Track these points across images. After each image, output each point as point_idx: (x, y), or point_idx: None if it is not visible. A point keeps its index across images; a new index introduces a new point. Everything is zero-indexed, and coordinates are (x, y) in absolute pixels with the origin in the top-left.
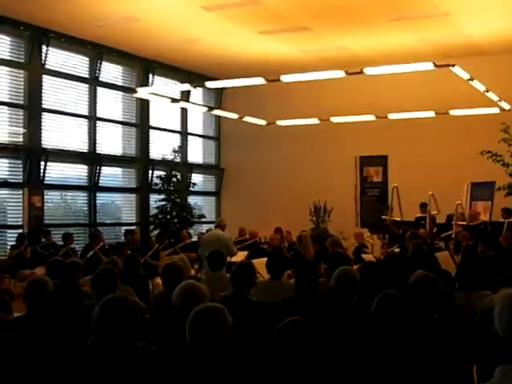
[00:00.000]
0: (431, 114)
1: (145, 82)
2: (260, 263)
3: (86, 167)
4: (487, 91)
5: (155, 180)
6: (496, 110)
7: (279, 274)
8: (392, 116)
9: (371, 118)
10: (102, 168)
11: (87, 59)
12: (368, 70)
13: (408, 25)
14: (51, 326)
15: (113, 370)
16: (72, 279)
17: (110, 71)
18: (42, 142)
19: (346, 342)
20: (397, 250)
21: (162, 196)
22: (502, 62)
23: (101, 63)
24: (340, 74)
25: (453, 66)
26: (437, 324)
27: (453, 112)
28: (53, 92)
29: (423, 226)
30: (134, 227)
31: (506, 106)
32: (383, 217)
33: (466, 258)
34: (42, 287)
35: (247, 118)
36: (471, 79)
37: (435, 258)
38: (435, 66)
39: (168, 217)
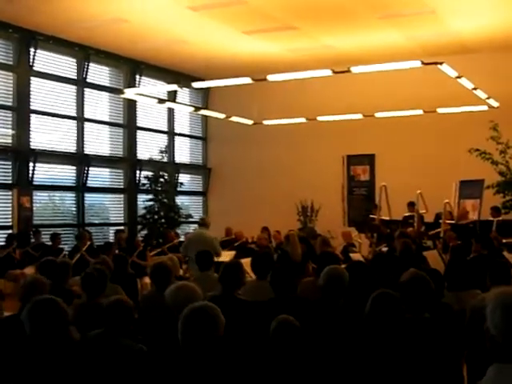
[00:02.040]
0: (419, 112)
1: (132, 83)
2: (248, 263)
3: (74, 168)
4: (475, 89)
5: (143, 180)
6: (484, 108)
7: (265, 274)
8: (379, 115)
9: (358, 116)
10: (90, 168)
11: (75, 61)
12: (355, 69)
13: (395, 23)
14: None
15: (101, 368)
16: (62, 279)
17: (98, 72)
18: (31, 143)
19: (337, 341)
20: (385, 249)
21: (150, 196)
22: (489, 60)
23: (88, 64)
24: (327, 72)
25: (441, 63)
26: (427, 323)
27: (441, 110)
28: (41, 94)
29: (411, 224)
30: (122, 227)
31: (495, 104)
32: (371, 216)
33: (455, 257)
34: (41, 287)
35: (234, 118)
36: (459, 77)
37: (424, 256)
38: (423, 64)
39: (156, 217)
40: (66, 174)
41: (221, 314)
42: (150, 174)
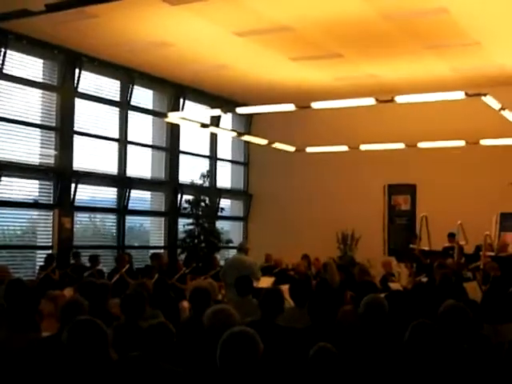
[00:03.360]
0: (461, 143)
1: (175, 107)
2: (287, 289)
3: (115, 190)
4: None
5: (184, 204)
6: None
7: (303, 301)
8: (422, 145)
9: (401, 146)
10: (132, 191)
11: (119, 83)
12: (399, 98)
13: (439, 54)
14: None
15: None
16: (102, 301)
17: (142, 95)
18: (73, 164)
19: (375, 370)
20: (424, 279)
21: (190, 220)
22: None
23: (132, 87)
24: (371, 101)
25: (484, 95)
26: (466, 354)
27: (483, 142)
28: (85, 115)
29: (451, 256)
30: (161, 250)
31: None
32: (411, 246)
33: (494, 288)
34: (79, 308)
35: (276, 145)
36: (503, 109)
37: (463, 288)
38: (467, 95)
39: (196, 241)
40: (107, 195)
41: (259, 340)
42: (191, 198)
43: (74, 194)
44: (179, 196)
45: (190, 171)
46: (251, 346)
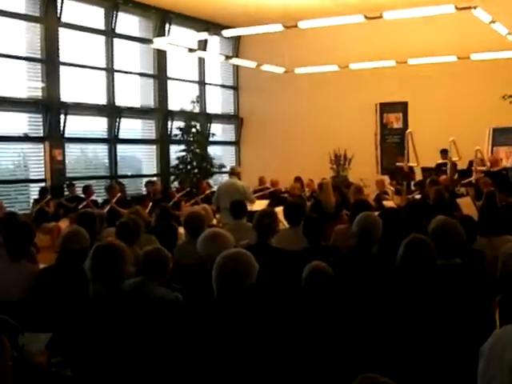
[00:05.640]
0: (453, 58)
1: (161, 33)
2: (281, 211)
3: (105, 120)
4: (510, 34)
5: (175, 131)
6: None
7: (297, 221)
8: (412, 61)
9: (391, 63)
10: (122, 120)
11: (103, 10)
12: (387, 14)
13: None
14: (79, 275)
15: (136, 315)
16: (98, 230)
17: (126, 22)
18: (61, 96)
19: (371, 288)
20: (418, 196)
21: (182, 147)
22: None
23: (117, 14)
24: (359, 18)
25: (474, 8)
26: (459, 269)
27: (474, 56)
28: (70, 45)
29: (444, 172)
30: (154, 178)
31: None
32: (398, 164)
33: (488, 202)
34: (80, 239)
35: (265, 67)
36: (493, 22)
37: (457, 203)
38: (456, 8)
39: (188, 167)
40: (97, 126)
41: (254, 261)
42: (181, 124)
43: (64, 126)
44: (170, 123)
45: (180, 97)
46: (246, 267)
